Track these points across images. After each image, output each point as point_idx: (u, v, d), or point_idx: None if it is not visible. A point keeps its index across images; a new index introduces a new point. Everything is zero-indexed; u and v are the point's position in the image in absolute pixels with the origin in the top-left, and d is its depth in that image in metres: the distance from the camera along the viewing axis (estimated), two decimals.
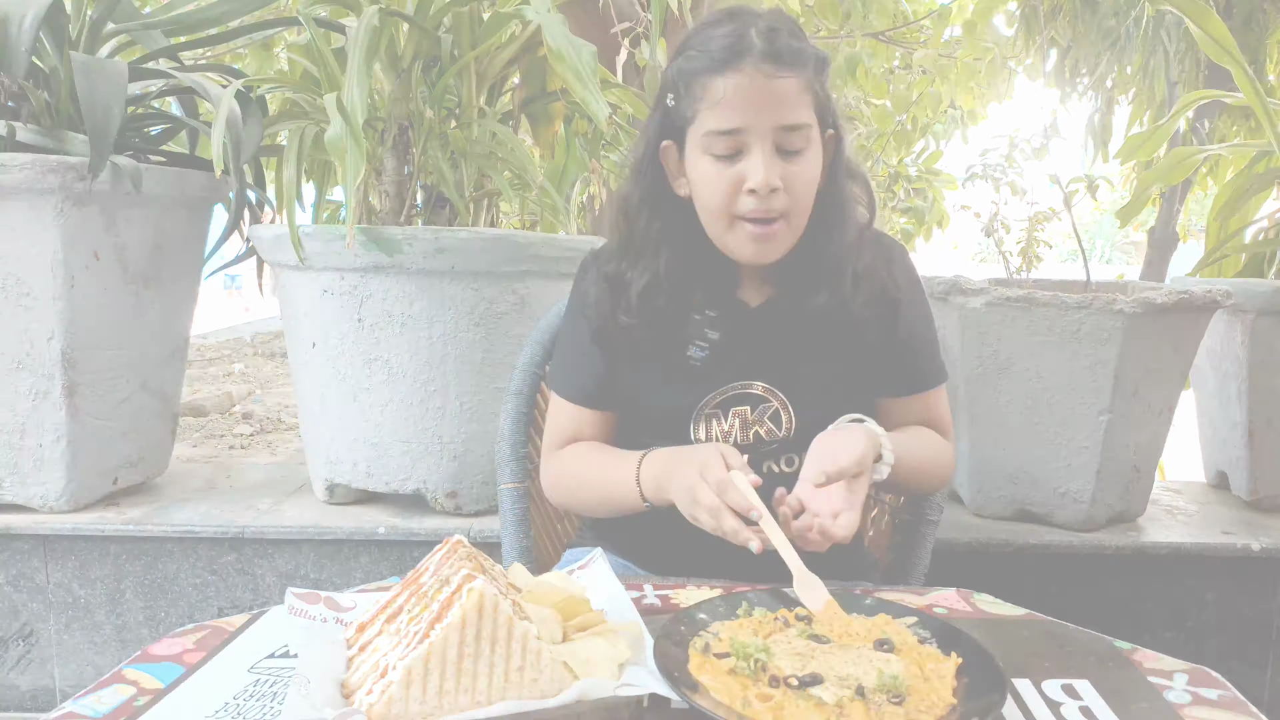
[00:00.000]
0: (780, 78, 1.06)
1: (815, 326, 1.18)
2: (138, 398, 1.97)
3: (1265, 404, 2.11)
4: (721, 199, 1.10)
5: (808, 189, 1.11)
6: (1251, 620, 2.00)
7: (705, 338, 1.19)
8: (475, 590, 0.72)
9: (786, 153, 1.08)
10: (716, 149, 1.08)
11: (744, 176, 1.07)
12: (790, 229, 1.12)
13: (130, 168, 1.77)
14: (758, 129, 1.06)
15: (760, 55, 1.06)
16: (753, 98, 1.06)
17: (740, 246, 1.12)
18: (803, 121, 1.08)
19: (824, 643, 0.83)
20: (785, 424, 1.18)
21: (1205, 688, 0.79)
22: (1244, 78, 2.24)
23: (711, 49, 1.08)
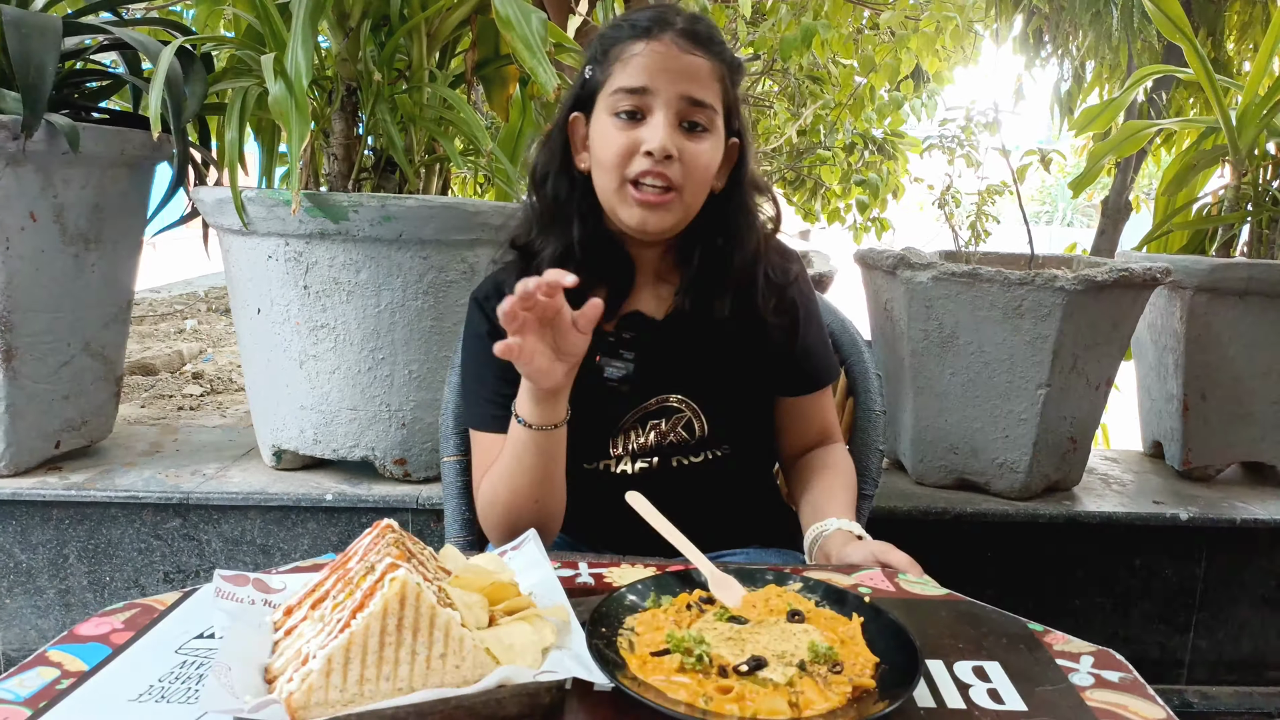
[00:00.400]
0: (694, 54, 1.11)
1: (721, 335, 1.21)
2: (79, 360, 1.94)
3: (1199, 378, 2.17)
4: (617, 158, 1.11)
5: (703, 171, 1.13)
6: (1177, 586, 2.08)
7: (621, 358, 1.20)
8: (398, 580, 0.73)
9: (688, 128, 1.11)
10: (622, 106, 1.11)
11: (642, 139, 1.10)
12: (681, 204, 1.13)
13: (67, 127, 1.72)
14: (664, 94, 1.10)
15: (679, 31, 1.11)
16: (665, 63, 1.10)
17: (629, 211, 1.13)
18: (708, 102, 1.12)
19: (743, 623, 0.85)
20: (697, 430, 1.24)
21: (1108, 670, 0.82)
22: (1194, 55, 2.26)
23: (636, 19, 1.13)
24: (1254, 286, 2.07)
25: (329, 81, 1.94)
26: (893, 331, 2.06)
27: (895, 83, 3.68)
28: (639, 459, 1.24)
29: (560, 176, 1.20)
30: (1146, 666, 2.06)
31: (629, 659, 0.80)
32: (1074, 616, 2.08)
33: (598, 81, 1.14)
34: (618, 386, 1.20)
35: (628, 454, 1.23)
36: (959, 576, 2.02)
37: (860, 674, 0.78)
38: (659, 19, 1.12)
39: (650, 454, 1.24)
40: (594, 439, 1.22)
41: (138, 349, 3.68)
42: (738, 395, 1.24)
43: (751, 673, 0.77)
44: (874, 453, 1.44)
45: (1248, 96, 2.25)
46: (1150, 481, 2.25)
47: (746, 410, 1.27)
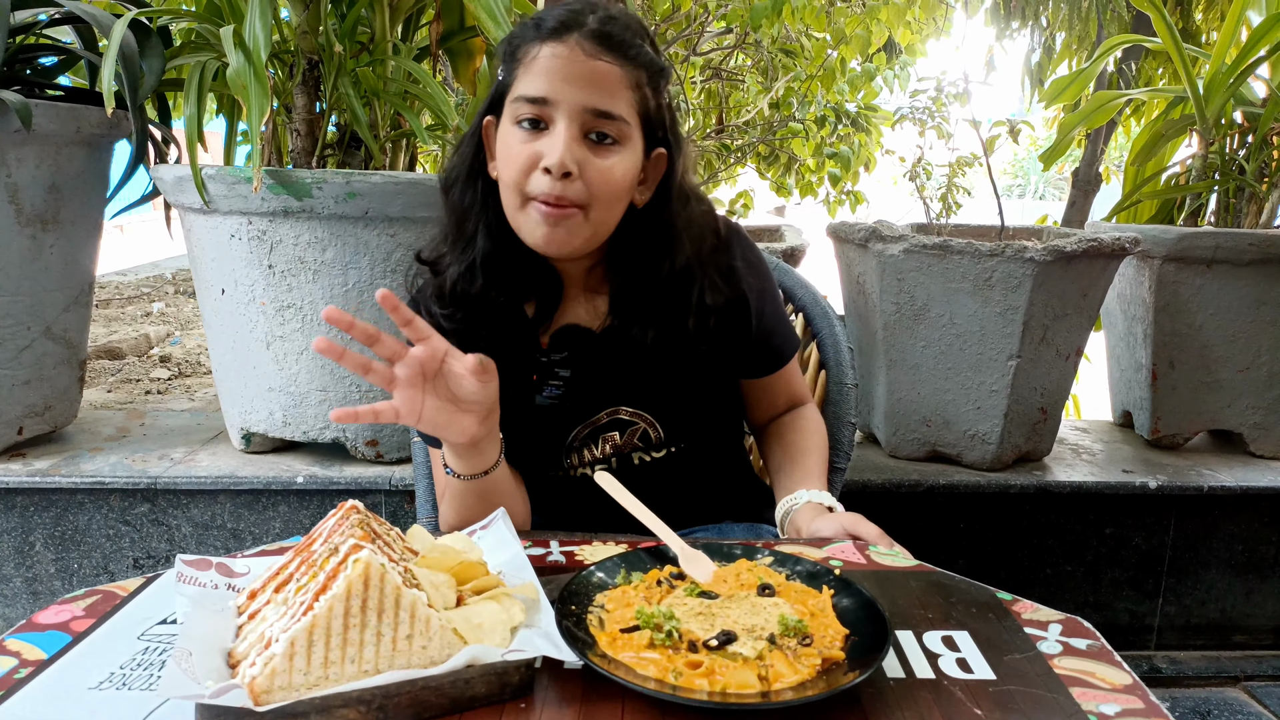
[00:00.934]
0: (600, 59, 1.01)
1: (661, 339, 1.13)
2: (40, 344, 1.91)
3: (1168, 346, 2.19)
4: (516, 174, 1.03)
5: (610, 186, 1.04)
6: (1146, 553, 2.11)
7: (557, 377, 1.15)
8: (361, 560, 0.72)
9: (595, 141, 1.02)
10: (523, 114, 1.02)
11: (542, 154, 1.01)
12: (588, 223, 1.04)
13: (18, 104, 1.68)
14: (566, 105, 1.00)
15: (587, 33, 1.01)
16: (567, 71, 1.00)
17: (530, 230, 1.05)
18: (616, 113, 1.02)
19: (713, 598, 0.85)
20: (654, 437, 1.20)
21: (1076, 638, 0.83)
22: (1162, 24, 2.27)
23: (545, 18, 1.04)
24: (1221, 255, 2.08)
25: (290, 55, 1.90)
26: (865, 304, 2.06)
27: (867, 55, 3.66)
28: (597, 465, 1.20)
29: (468, 184, 1.11)
30: (1116, 633, 2.10)
31: (599, 636, 0.80)
32: (1045, 585, 2.10)
33: (506, 84, 1.06)
34: (558, 406, 1.15)
35: (584, 465, 1.20)
36: (932, 548, 2.06)
37: (830, 646, 0.78)
38: (568, 19, 1.02)
39: (609, 459, 1.20)
40: (545, 456, 1.18)
41: (104, 333, 3.62)
42: (692, 396, 1.19)
43: (721, 647, 0.77)
44: (846, 426, 1.44)
45: (1214, 65, 2.26)
46: (1120, 451, 2.27)
47: (704, 407, 1.22)
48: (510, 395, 1.09)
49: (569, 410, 1.17)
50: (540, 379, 1.16)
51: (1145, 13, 2.36)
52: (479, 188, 1.11)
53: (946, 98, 2.53)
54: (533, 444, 1.16)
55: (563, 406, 1.16)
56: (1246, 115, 2.34)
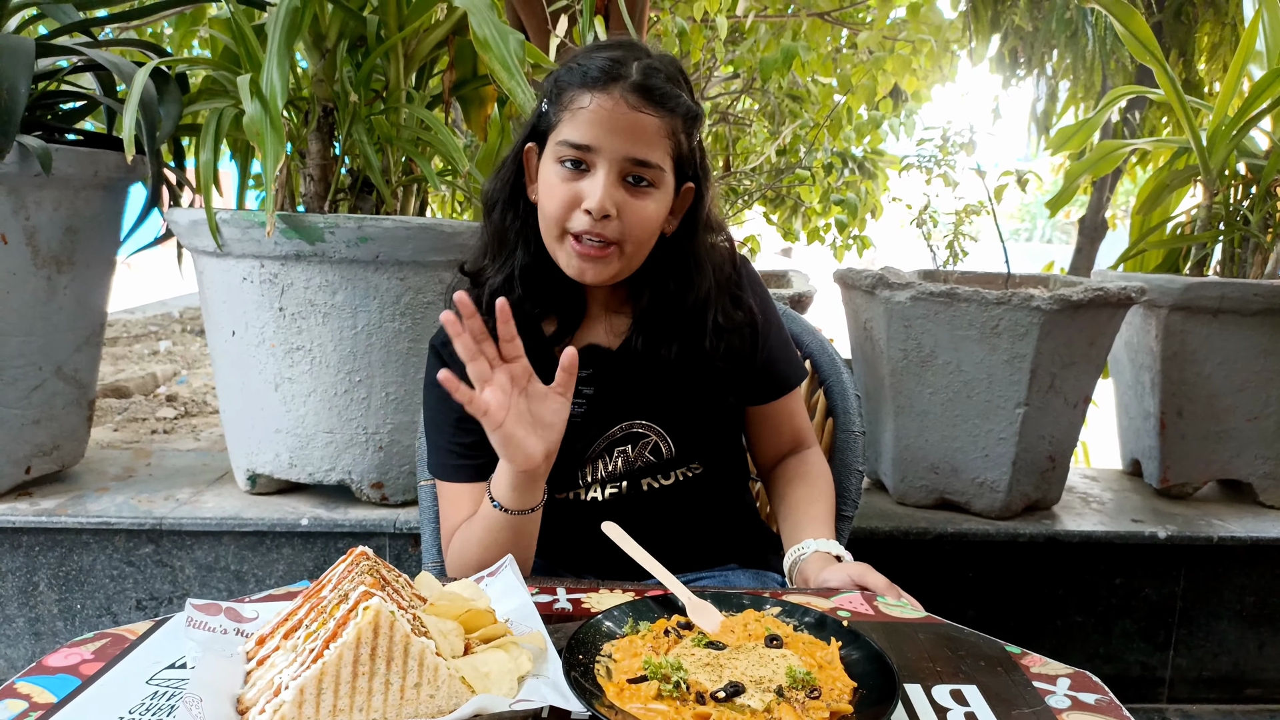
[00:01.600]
0: (643, 112, 1.07)
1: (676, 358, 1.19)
2: (51, 384, 1.92)
3: (1176, 395, 2.19)
4: (558, 210, 1.09)
5: (644, 226, 1.11)
6: (1156, 604, 2.09)
7: (580, 394, 1.18)
8: (371, 609, 0.72)
9: (631, 184, 1.09)
10: (566, 156, 1.09)
11: (584, 195, 1.08)
12: (623, 258, 1.12)
13: (39, 148, 1.71)
14: (607, 152, 1.07)
15: (630, 86, 1.07)
16: (611, 121, 1.07)
17: (567, 260, 1.12)
18: (654, 161, 1.09)
19: (721, 648, 0.85)
20: (665, 452, 1.22)
21: (1085, 692, 0.82)
22: (1164, 77, 2.30)
23: (590, 66, 1.09)
24: (1227, 305, 2.09)
25: (305, 102, 1.94)
26: (872, 351, 2.07)
27: (873, 103, 3.71)
28: (608, 484, 1.22)
29: (509, 205, 1.18)
30: (1127, 685, 2.07)
31: (606, 686, 0.79)
32: (1055, 636, 2.08)
33: (549, 121, 1.12)
34: (579, 421, 1.18)
35: (596, 481, 1.22)
36: (941, 596, 2.04)
37: (838, 699, 0.78)
38: (612, 71, 1.08)
39: (619, 479, 1.22)
40: (562, 472, 1.19)
41: (111, 371, 3.64)
42: (703, 413, 1.23)
43: (729, 699, 0.76)
44: (854, 474, 1.43)
45: (1217, 117, 2.29)
46: (1129, 500, 2.26)
47: (713, 426, 1.25)
48: None
49: (588, 426, 1.20)
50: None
51: (1148, 65, 2.39)
52: (519, 209, 1.18)
53: (953, 146, 2.56)
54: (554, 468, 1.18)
55: (583, 424, 1.19)
56: (1250, 167, 2.36)
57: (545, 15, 2.89)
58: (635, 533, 1.05)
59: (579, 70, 1.10)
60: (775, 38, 4.03)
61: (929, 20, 4.45)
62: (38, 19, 2.07)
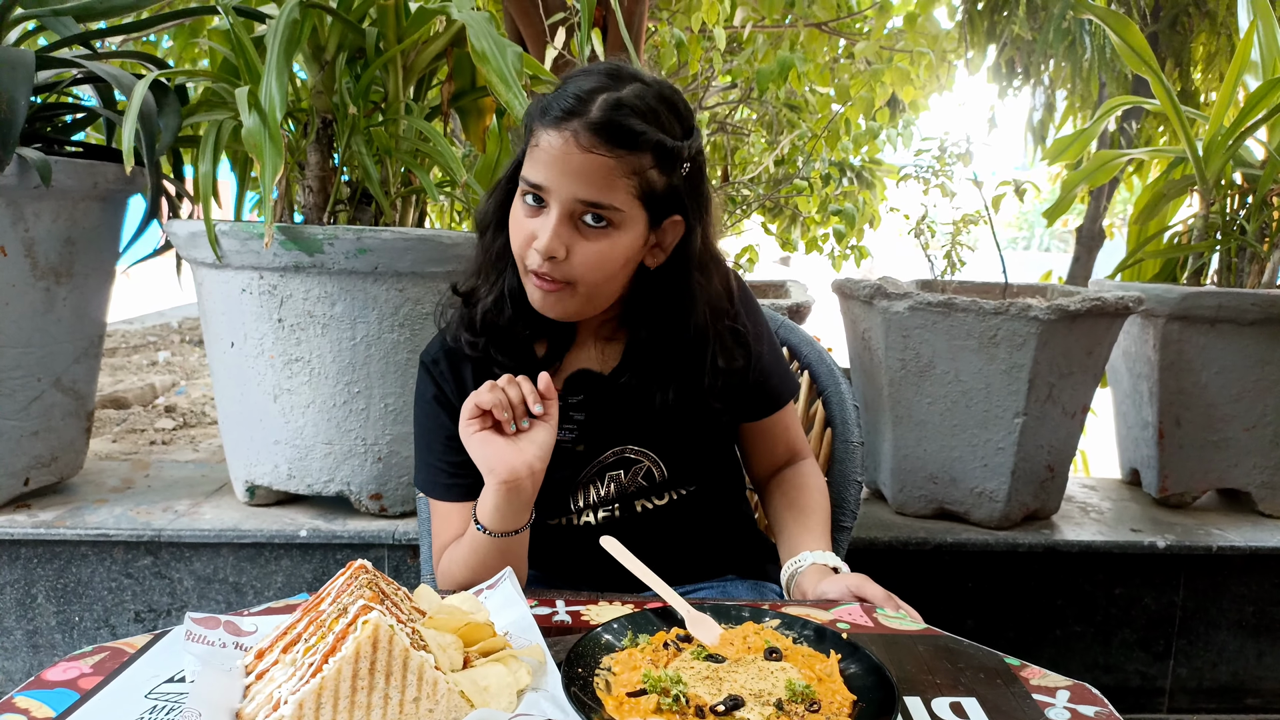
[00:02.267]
0: (594, 153, 1.02)
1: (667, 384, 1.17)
2: (49, 396, 1.92)
3: (1174, 405, 2.19)
4: (518, 245, 1.09)
5: (597, 268, 1.07)
6: (1156, 614, 2.08)
7: (571, 420, 1.17)
8: (370, 622, 0.72)
9: (589, 224, 1.05)
10: (527, 192, 1.07)
11: (536, 233, 1.06)
12: (577, 297, 1.09)
13: (38, 160, 1.71)
14: (558, 194, 1.04)
15: (586, 124, 1.02)
16: (561, 162, 1.03)
17: (531, 294, 1.11)
18: (607, 203, 1.04)
19: (720, 661, 0.85)
20: (658, 477, 1.22)
21: (1084, 705, 0.82)
22: (1160, 87, 2.31)
23: (556, 101, 1.05)
24: (1224, 314, 2.09)
25: (304, 114, 1.94)
26: (871, 361, 2.07)
27: (871, 114, 3.72)
28: (601, 509, 1.22)
29: (499, 229, 1.16)
30: (1127, 695, 2.07)
31: (606, 700, 0.79)
32: (1054, 646, 2.08)
33: (522, 154, 1.11)
34: (571, 448, 1.18)
35: (589, 506, 1.22)
36: (940, 607, 2.04)
37: (838, 712, 0.78)
38: (572, 108, 1.03)
39: (612, 502, 1.22)
40: (553, 498, 1.19)
41: (109, 382, 3.64)
42: (695, 437, 1.22)
43: (729, 713, 0.76)
44: (852, 484, 1.44)
45: (1213, 127, 2.29)
46: (1128, 509, 2.26)
47: (706, 448, 1.25)
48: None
49: (579, 453, 1.19)
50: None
51: (1144, 76, 2.40)
52: (506, 235, 1.16)
53: (950, 157, 2.57)
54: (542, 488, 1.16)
55: (574, 450, 1.19)
56: (1246, 176, 2.37)
57: (543, 28, 2.90)
58: (632, 551, 1.05)
59: (540, 107, 1.07)
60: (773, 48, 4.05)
61: (926, 30, 4.47)
62: (37, 31, 2.08)
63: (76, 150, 2.02)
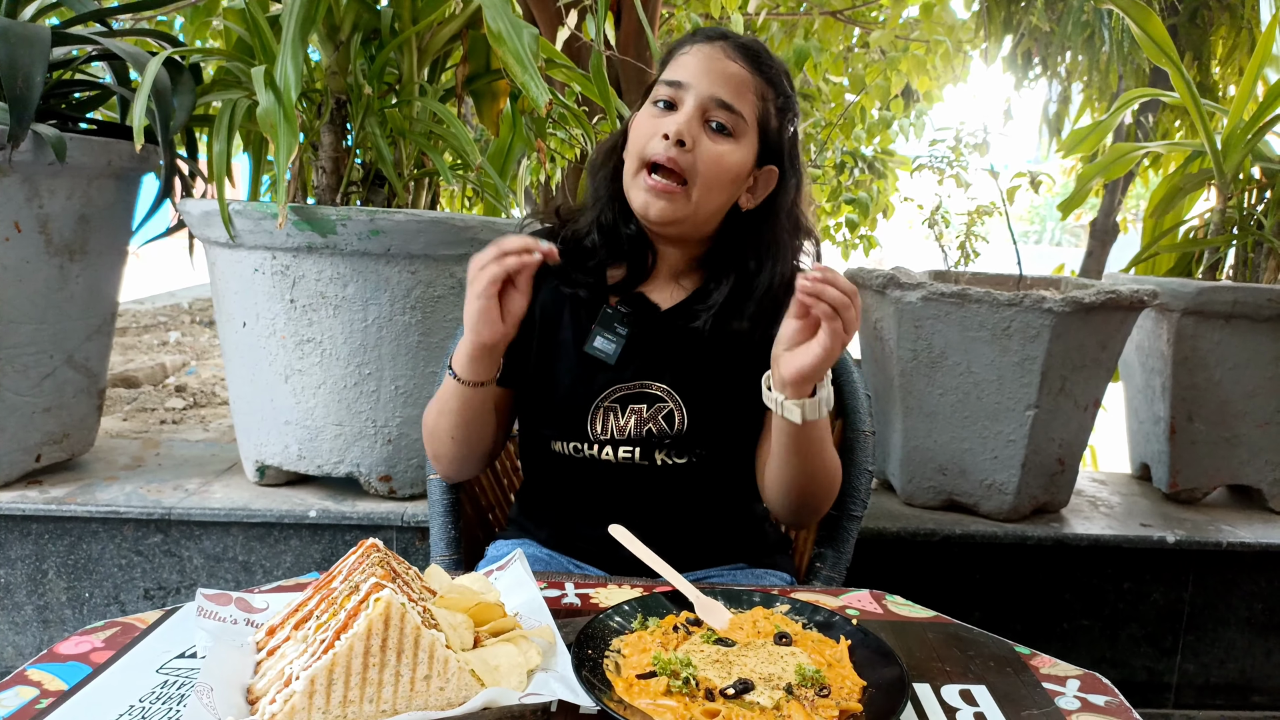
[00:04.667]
0: (735, 62, 1.14)
1: (720, 339, 1.21)
2: (62, 372, 1.92)
3: (1186, 400, 2.18)
4: (640, 142, 1.15)
5: (715, 168, 1.14)
6: (1164, 609, 2.08)
7: (615, 332, 1.22)
8: (382, 600, 0.72)
9: (713, 127, 1.14)
10: (660, 95, 1.16)
11: (666, 126, 1.13)
12: (687, 200, 1.14)
13: (53, 137, 1.71)
14: (695, 90, 1.13)
15: (733, 43, 1.16)
16: (703, 63, 1.14)
17: (637, 195, 1.16)
18: (737, 107, 1.14)
19: (730, 645, 0.85)
20: (677, 424, 1.22)
21: (1094, 694, 0.82)
22: (1180, 80, 2.28)
23: (703, 29, 1.20)
24: (1239, 310, 2.08)
25: (318, 94, 1.94)
26: (882, 351, 2.07)
27: (886, 103, 3.70)
28: (620, 445, 1.21)
29: (605, 165, 1.25)
30: (1134, 690, 2.06)
31: (615, 681, 0.79)
32: (1062, 639, 2.08)
33: (655, 81, 1.20)
34: (605, 357, 1.21)
35: (608, 439, 1.21)
36: (947, 598, 2.04)
37: (847, 698, 0.78)
38: (725, 31, 1.19)
39: (631, 442, 1.21)
40: (573, 411, 1.22)
41: (120, 361, 3.65)
42: (723, 397, 1.22)
43: (738, 696, 0.76)
44: (863, 473, 1.43)
45: (1232, 121, 2.27)
46: (1138, 504, 2.25)
47: (731, 415, 1.23)
48: (566, 336, 1.22)
49: (611, 367, 1.22)
50: (599, 327, 1.22)
51: (1163, 68, 2.38)
52: (611, 169, 1.24)
53: (965, 147, 2.55)
54: (568, 391, 1.22)
55: (608, 360, 1.21)
56: (1264, 171, 2.35)
57: (557, 10, 2.89)
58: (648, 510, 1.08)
59: (692, 32, 1.21)
60: (788, 36, 4.03)
61: (942, 20, 4.44)
62: (53, 8, 2.07)
63: (91, 128, 2.03)
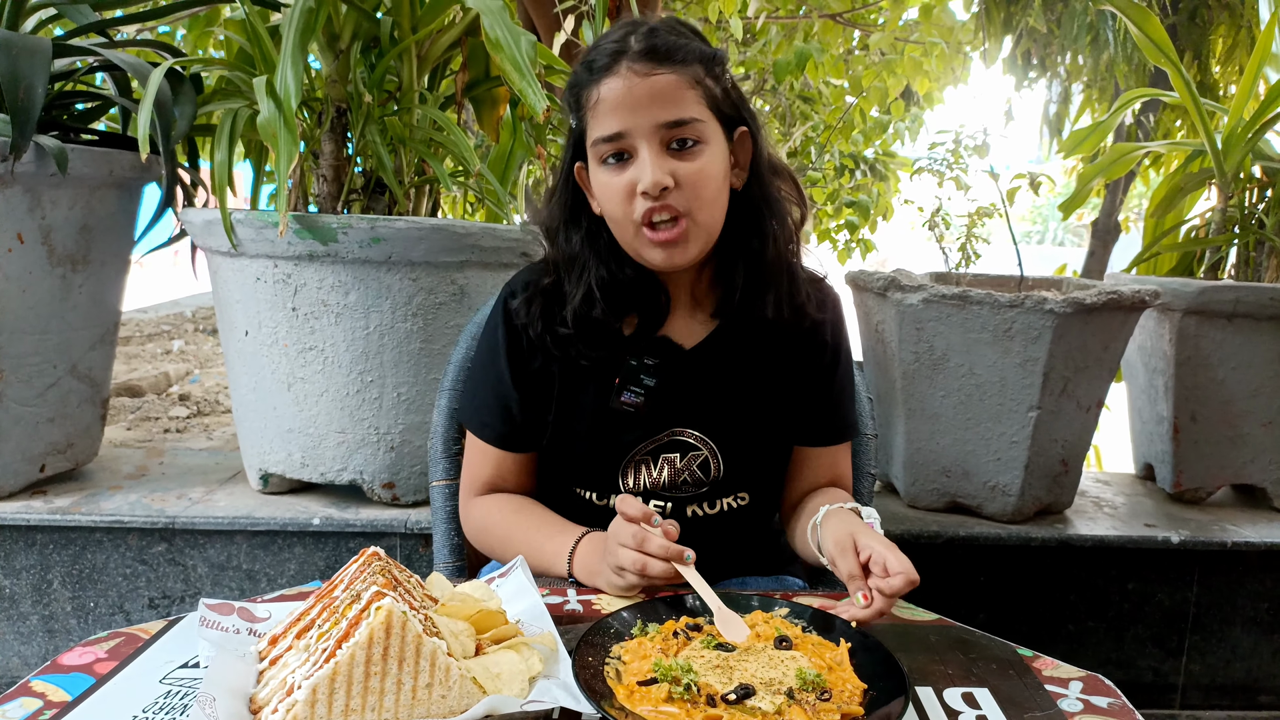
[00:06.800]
0: (656, 74, 1.05)
1: (750, 366, 1.17)
2: (66, 382, 1.93)
3: (1189, 400, 2.18)
4: (620, 206, 1.08)
5: (706, 184, 1.08)
6: (1169, 610, 2.07)
7: (640, 384, 1.16)
8: (383, 609, 0.72)
9: (677, 150, 1.06)
10: (605, 154, 1.08)
11: (635, 180, 1.05)
12: (698, 227, 1.08)
13: (55, 148, 1.72)
14: (640, 129, 1.05)
15: (634, 55, 1.05)
16: (629, 99, 1.05)
17: (650, 253, 1.10)
18: (688, 116, 1.06)
19: (730, 650, 0.85)
20: (713, 471, 1.19)
21: (1097, 696, 0.82)
22: (1179, 80, 2.28)
23: (593, 59, 1.08)
24: (1242, 309, 2.07)
25: (319, 103, 1.94)
26: (884, 353, 2.06)
27: (885, 106, 3.71)
28: (652, 498, 1.19)
29: (572, 226, 1.17)
30: (1139, 691, 2.06)
31: (616, 688, 0.79)
32: (1067, 641, 2.07)
33: (580, 130, 1.11)
34: (633, 412, 1.16)
35: (640, 491, 1.18)
36: (952, 600, 2.03)
37: (849, 701, 0.78)
38: (614, 49, 1.07)
39: (664, 494, 1.18)
40: (603, 467, 1.18)
41: (124, 370, 3.66)
42: (759, 437, 1.19)
43: (740, 701, 0.76)
44: (865, 477, 1.43)
45: (1233, 120, 2.27)
46: (1142, 504, 2.25)
47: (767, 454, 1.22)
48: (589, 395, 1.16)
49: (641, 420, 1.17)
50: (622, 382, 1.17)
51: (1162, 68, 2.38)
52: (585, 227, 1.17)
53: (965, 149, 2.55)
54: (598, 448, 1.18)
55: (636, 415, 1.17)
56: (1265, 170, 2.34)
57: (556, 16, 2.89)
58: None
59: (584, 69, 1.09)
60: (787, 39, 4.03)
61: (941, 22, 4.44)
62: (54, 19, 2.09)
63: (92, 138, 2.03)
